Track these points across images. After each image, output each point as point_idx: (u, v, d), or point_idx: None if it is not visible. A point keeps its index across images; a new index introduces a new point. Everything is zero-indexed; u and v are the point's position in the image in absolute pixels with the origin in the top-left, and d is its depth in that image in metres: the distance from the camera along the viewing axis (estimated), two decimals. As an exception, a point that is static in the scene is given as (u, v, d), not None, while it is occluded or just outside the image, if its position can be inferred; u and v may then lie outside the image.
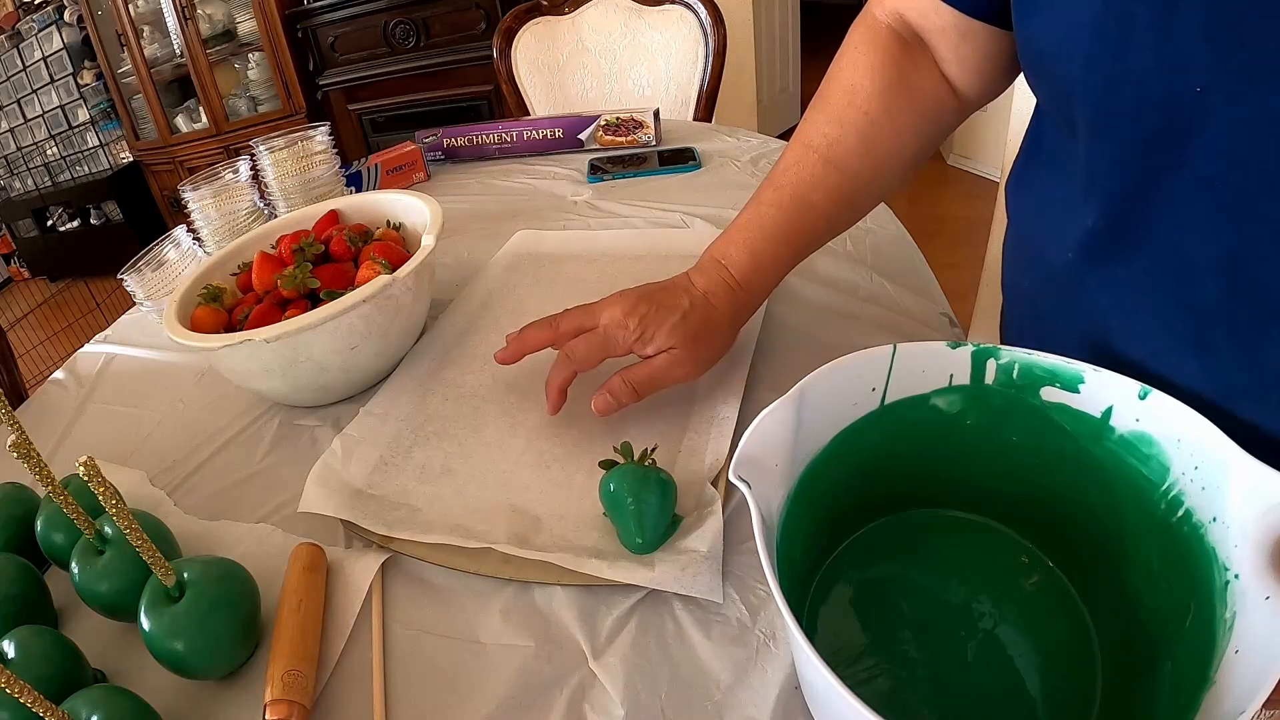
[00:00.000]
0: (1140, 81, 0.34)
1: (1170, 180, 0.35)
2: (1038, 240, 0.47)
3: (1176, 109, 0.33)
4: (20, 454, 0.41)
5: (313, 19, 2.60)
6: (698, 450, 0.50)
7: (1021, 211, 0.51)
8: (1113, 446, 0.34)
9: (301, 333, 0.55)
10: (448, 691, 0.40)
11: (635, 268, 0.72)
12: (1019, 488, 0.39)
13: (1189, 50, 0.31)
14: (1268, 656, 0.24)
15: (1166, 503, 0.32)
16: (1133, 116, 0.35)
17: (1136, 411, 0.33)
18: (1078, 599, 0.37)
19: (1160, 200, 0.36)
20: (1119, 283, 0.40)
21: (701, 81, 1.40)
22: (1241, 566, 0.27)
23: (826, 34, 3.13)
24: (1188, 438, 0.31)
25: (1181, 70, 0.32)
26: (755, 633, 0.40)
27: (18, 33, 3.34)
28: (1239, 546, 0.28)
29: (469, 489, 0.51)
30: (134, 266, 0.79)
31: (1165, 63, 0.32)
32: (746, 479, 0.31)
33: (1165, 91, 0.33)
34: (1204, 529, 0.30)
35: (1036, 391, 0.36)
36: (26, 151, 3.60)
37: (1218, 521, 0.29)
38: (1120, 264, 0.40)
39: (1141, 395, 0.33)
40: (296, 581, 0.44)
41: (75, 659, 0.41)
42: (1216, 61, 0.31)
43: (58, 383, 0.78)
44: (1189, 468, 0.31)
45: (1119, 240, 0.39)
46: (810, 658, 0.25)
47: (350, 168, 1.02)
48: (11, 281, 4.00)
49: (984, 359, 0.37)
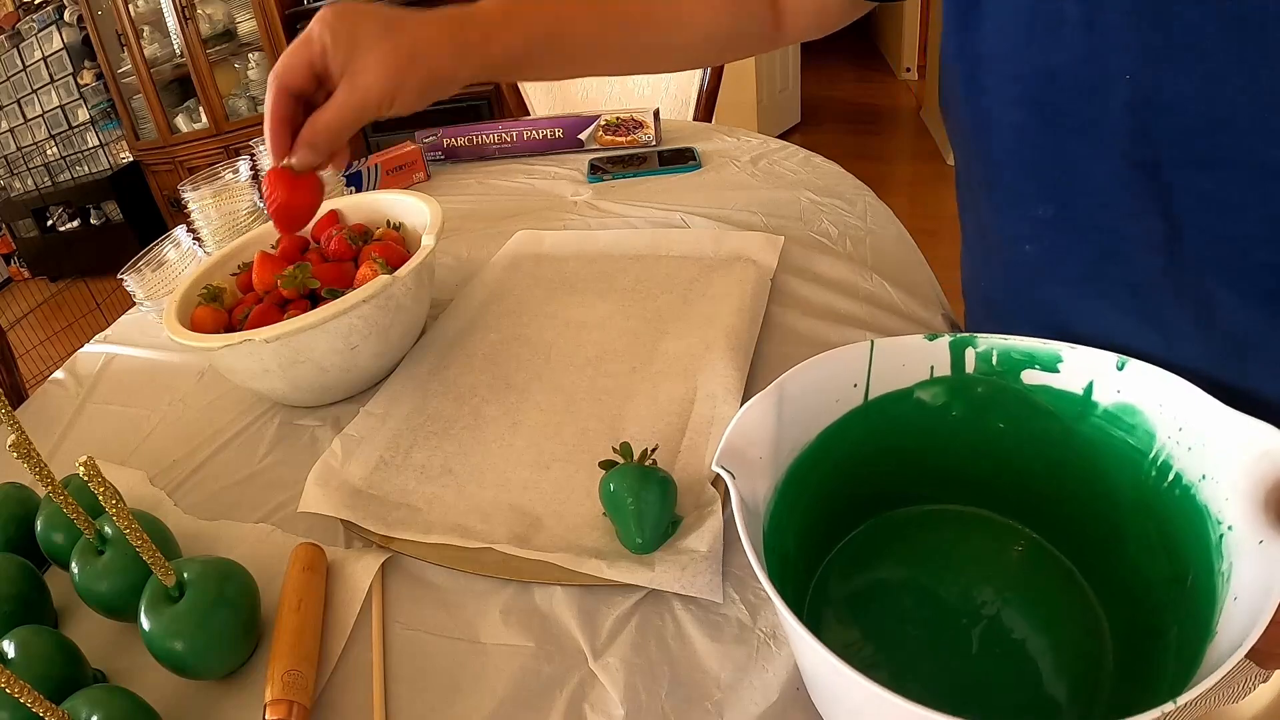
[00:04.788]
0: (1073, 71, 0.36)
1: (1106, 166, 0.36)
2: (990, 237, 0.48)
3: (1104, 96, 0.35)
4: (20, 454, 0.41)
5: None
6: (698, 450, 0.50)
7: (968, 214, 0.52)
8: (1098, 421, 0.35)
9: (301, 333, 0.55)
10: (448, 691, 0.40)
11: (635, 268, 0.72)
12: (1011, 476, 0.39)
13: (1117, 39, 0.33)
14: (1262, 594, 0.25)
15: (1156, 469, 0.33)
16: (1064, 106, 0.37)
17: (1116, 383, 0.34)
18: (1080, 579, 0.38)
19: (1095, 188, 0.38)
20: (1069, 270, 0.42)
21: (701, 81, 1.40)
22: (1234, 518, 0.28)
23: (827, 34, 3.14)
24: (1169, 401, 0.32)
25: (1110, 58, 0.34)
26: (755, 632, 0.40)
27: (18, 33, 3.34)
28: (1229, 499, 0.29)
29: (469, 489, 0.51)
30: (134, 266, 0.79)
31: (1095, 52, 0.34)
32: (730, 469, 0.32)
33: (1094, 79, 0.35)
34: (1194, 489, 0.30)
35: (1017, 376, 0.37)
36: (26, 151, 3.60)
37: (1207, 479, 0.30)
38: (1068, 250, 0.41)
39: (1119, 366, 0.34)
40: (296, 581, 0.44)
41: (75, 659, 0.41)
42: (1143, 49, 0.33)
43: (58, 383, 0.78)
44: (1174, 430, 0.32)
45: (1065, 228, 0.40)
46: (804, 635, 0.26)
47: (350, 168, 1.02)
48: (11, 281, 4.00)
49: (962, 348, 0.37)
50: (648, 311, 0.65)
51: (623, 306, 0.67)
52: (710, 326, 0.61)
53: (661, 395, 0.55)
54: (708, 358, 0.57)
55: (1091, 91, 0.35)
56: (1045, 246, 0.43)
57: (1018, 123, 0.40)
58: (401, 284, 0.59)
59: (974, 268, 0.53)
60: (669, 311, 0.65)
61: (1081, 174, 0.38)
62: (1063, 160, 0.39)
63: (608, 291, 0.70)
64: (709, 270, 0.69)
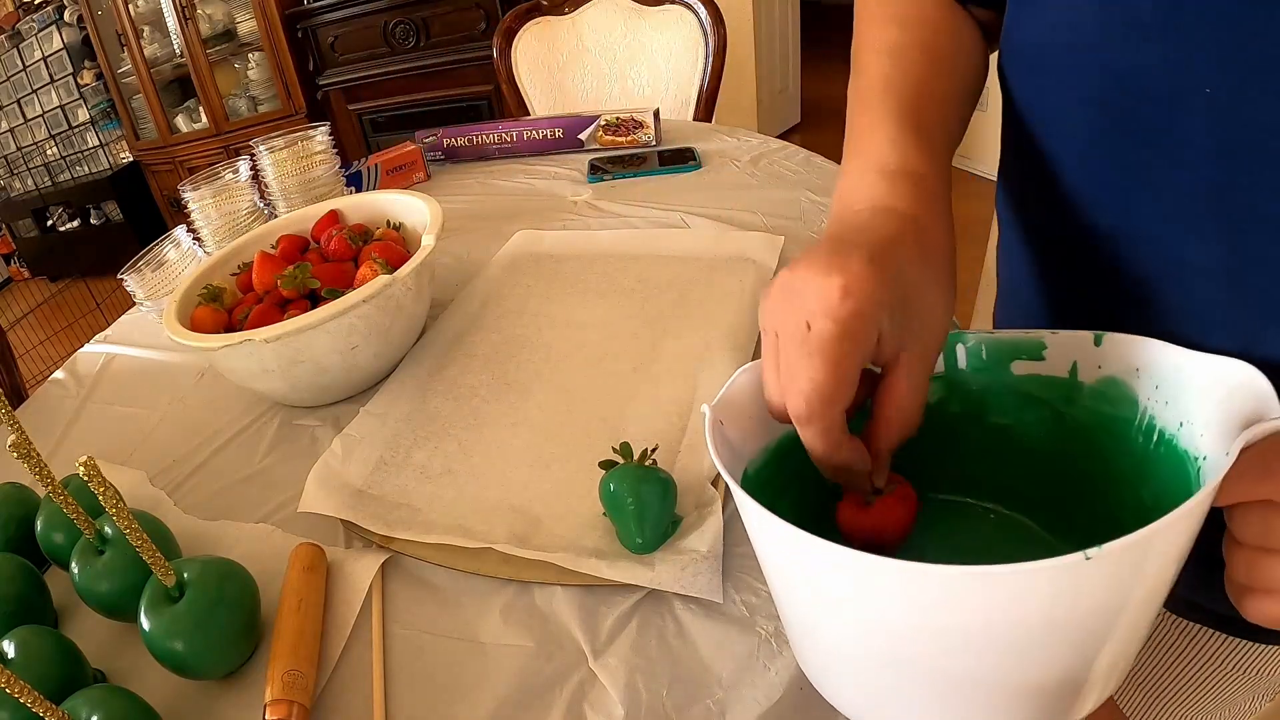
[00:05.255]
0: (1146, 77, 0.33)
1: (1175, 181, 0.34)
2: (1034, 241, 0.47)
3: (1181, 108, 0.32)
4: (20, 454, 0.41)
5: (313, 19, 2.60)
6: (698, 450, 0.50)
7: (1016, 210, 0.49)
8: (1086, 402, 0.35)
9: (301, 333, 0.55)
10: (448, 691, 0.40)
11: (635, 268, 0.72)
12: (1007, 469, 0.39)
13: (1197, 48, 0.30)
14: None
15: (1142, 434, 0.33)
16: (1136, 113, 0.34)
17: (1097, 359, 0.34)
18: None
19: (1161, 202, 0.36)
20: (1119, 283, 0.40)
21: (701, 81, 1.40)
22: (1208, 449, 0.29)
23: (826, 34, 3.13)
24: (1144, 363, 0.32)
25: (1189, 68, 0.31)
26: (756, 632, 0.39)
27: (18, 33, 3.34)
28: (1204, 435, 0.29)
29: (469, 489, 0.51)
30: (134, 266, 0.79)
31: (1171, 60, 0.32)
32: (721, 419, 0.32)
33: (1170, 89, 0.32)
34: (1176, 439, 0.31)
35: (1007, 367, 0.37)
36: (26, 151, 3.60)
37: (1184, 425, 0.30)
38: (1130, 266, 0.39)
39: (1097, 342, 0.34)
40: (296, 581, 0.44)
41: (75, 659, 0.41)
42: (1226, 61, 0.30)
43: (58, 383, 0.78)
44: (1151, 390, 0.32)
45: (1122, 240, 0.39)
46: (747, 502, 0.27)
47: (350, 168, 1.02)
48: (11, 281, 3.99)
49: (953, 345, 0.37)
50: (648, 311, 0.65)
51: (623, 307, 0.67)
52: (710, 326, 0.61)
53: (661, 395, 0.55)
54: (708, 358, 0.57)
55: (1166, 101, 0.32)
56: (1103, 257, 0.40)
57: (1083, 121, 0.37)
58: (401, 284, 0.59)
59: (1012, 265, 0.50)
60: (669, 311, 0.65)
61: (1148, 185, 0.35)
62: (1129, 168, 0.36)
63: (608, 292, 0.70)
64: (709, 270, 0.69)
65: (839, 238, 0.33)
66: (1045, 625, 0.25)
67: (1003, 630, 0.25)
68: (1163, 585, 0.26)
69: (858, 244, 0.31)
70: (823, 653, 0.32)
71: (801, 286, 0.30)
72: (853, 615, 0.28)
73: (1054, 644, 0.25)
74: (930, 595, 0.25)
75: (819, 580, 0.28)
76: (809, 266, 0.30)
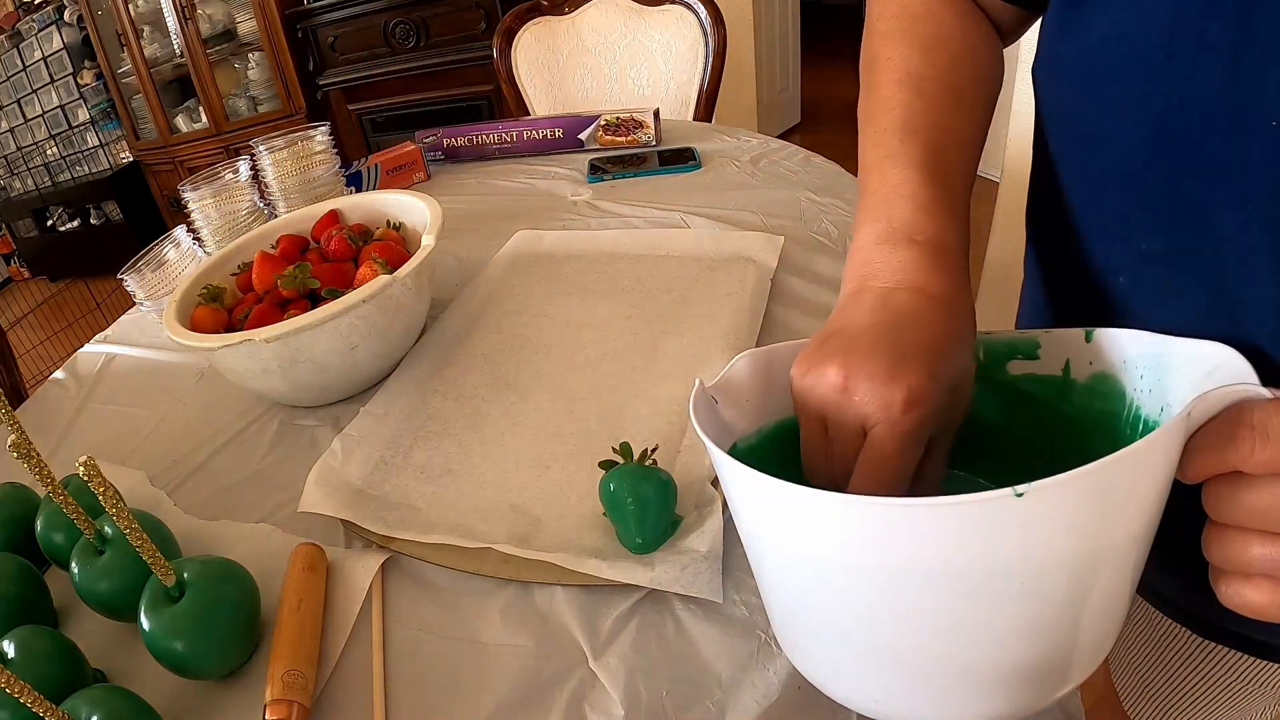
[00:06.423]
0: (1209, 105, 0.31)
1: (1232, 215, 0.32)
2: (1074, 258, 0.43)
3: (1244, 139, 0.30)
4: (20, 454, 0.41)
5: (313, 19, 2.60)
6: (698, 450, 0.50)
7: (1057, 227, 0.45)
8: (1078, 399, 0.35)
9: (301, 333, 0.55)
10: (448, 691, 0.40)
11: (635, 268, 0.72)
12: (1004, 469, 0.39)
13: (1266, 76, 0.28)
14: None
15: (1130, 425, 0.33)
16: (1195, 140, 0.32)
17: (1088, 355, 0.34)
18: None
19: (1214, 235, 0.33)
20: (1162, 315, 0.37)
21: (701, 81, 1.40)
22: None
23: (826, 34, 3.13)
24: (1130, 355, 0.33)
25: (1255, 98, 0.29)
26: (756, 632, 0.40)
27: (18, 33, 3.34)
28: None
29: (469, 489, 0.51)
30: (134, 266, 0.79)
31: (1237, 88, 0.30)
32: (715, 397, 0.33)
33: (1234, 118, 0.30)
34: (1158, 425, 0.31)
35: (1003, 367, 0.37)
36: (26, 151, 3.60)
37: (1164, 410, 0.31)
38: (1172, 296, 0.37)
39: (1087, 338, 0.34)
40: (296, 581, 0.44)
41: (75, 659, 0.41)
42: None
43: (58, 383, 0.78)
44: (1137, 380, 0.32)
45: (1172, 270, 0.36)
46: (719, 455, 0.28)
47: (350, 168, 1.02)
48: (11, 281, 4.00)
49: None
50: (648, 311, 0.65)
51: (623, 306, 0.67)
52: (710, 326, 0.61)
53: (662, 395, 0.55)
54: (708, 357, 0.57)
55: (1228, 132, 0.30)
56: (1143, 283, 0.37)
57: (1136, 144, 0.35)
58: (401, 284, 0.59)
59: (1038, 285, 0.48)
60: (669, 311, 0.65)
61: (1203, 217, 0.33)
62: (1181, 196, 0.33)
63: (608, 291, 0.70)
64: (709, 270, 0.69)
65: (891, 338, 0.32)
66: (1001, 571, 0.24)
67: (959, 571, 0.25)
68: (1128, 543, 0.26)
69: (916, 353, 0.31)
70: (797, 627, 0.32)
71: (862, 389, 0.31)
72: (810, 565, 0.28)
73: (1017, 595, 0.25)
74: (874, 529, 0.25)
75: (775, 524, 0.29)
76: (870, 369, 0.31)
